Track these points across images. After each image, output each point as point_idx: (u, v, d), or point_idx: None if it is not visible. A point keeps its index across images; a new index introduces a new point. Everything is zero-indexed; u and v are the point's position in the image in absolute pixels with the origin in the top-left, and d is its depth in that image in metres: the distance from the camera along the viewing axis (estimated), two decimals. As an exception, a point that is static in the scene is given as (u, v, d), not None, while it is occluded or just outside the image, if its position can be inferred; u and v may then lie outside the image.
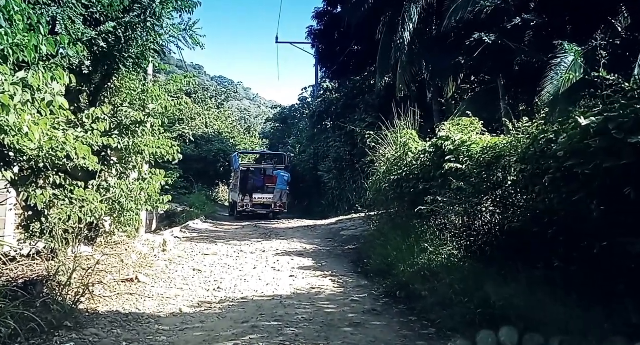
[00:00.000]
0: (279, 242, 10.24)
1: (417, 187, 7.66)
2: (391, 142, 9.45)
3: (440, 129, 7.26)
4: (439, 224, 7.17)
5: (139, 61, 6.01)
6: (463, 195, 5.92)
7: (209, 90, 44.29)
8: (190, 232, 12.31)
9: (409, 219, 7.64)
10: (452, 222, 6.80)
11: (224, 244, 10.08)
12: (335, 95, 18.85)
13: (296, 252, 8.85)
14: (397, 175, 8.07)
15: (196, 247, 9.54)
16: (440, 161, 6.98)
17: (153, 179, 6.90)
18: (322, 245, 9.68)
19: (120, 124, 6.29)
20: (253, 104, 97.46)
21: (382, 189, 8.28)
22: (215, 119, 34.21)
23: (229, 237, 11.57)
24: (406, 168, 8.03)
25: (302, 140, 21.51)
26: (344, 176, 16.56)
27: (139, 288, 5.75)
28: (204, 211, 18.19)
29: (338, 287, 6.09)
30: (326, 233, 11.70)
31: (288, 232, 12.15)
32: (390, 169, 8.44)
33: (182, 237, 11.15)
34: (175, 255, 8.35)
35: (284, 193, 18.72)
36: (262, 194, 18.73)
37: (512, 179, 5.37)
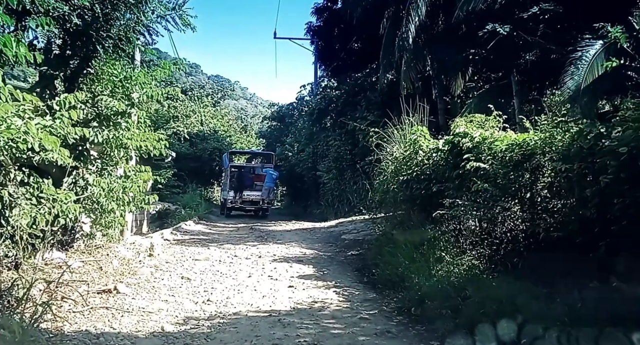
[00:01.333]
0: (276, 246, 9.54)
1: (429, 189, 6.99)
2: (398, 140, 8.78)
3: (456, 125, 6.59)
4: (453, 229, 6.51)
5: (122, 44, 5.31)
6: (487, 199, 5.26)
7: (205, 88, 43.55)
8: (181, 234, 11.59)
9: (421, 223, 6.97)
10: (469, 227, 6.15)
11: (217, 248, 9.37)
12: (335, 92, 18.17)
13: (295, 258, 8.15)
14: (407, 175, 7.40)
15: (187, 251, 8.83)
16: (456, 160, 6.32)
17: (138, 176, 6.17)
18: (322, 251, 8.99)
19: (100, 115, 5.58)
20: (250, 103, 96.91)
21: (390, 190, 7.60)
22: (211, 117, 33.47)
23: (222, 240, 10.85)
24: (416, 168, 7.36)
25: (301, 138, 20.83)
26: (344, 176, 15.89)
27: (117, 301, 5.03)
28: (197, 211, 17.46)
29: (343, 300, 5.40)
30: (326, 237, 11.01)
31: (286, 235, 11.44)
32: (398, 169, 7.76)
33: (173, 240, 10.43)
34: (163, 260, 7.64)
35: (271, 190, 19.90)
36: (250, 192, 19.68)
37: (547, 180, 4.72)
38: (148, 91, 5.78)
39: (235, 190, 19.79)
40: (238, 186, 19.84)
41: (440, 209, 7.02)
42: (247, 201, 19.60)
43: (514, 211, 4.94)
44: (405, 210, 7.50)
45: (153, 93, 5.85)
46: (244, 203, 19.60)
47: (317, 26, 22.71)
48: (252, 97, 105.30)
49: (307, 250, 8.93)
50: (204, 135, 30.40)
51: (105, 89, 5.68)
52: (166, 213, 17.50)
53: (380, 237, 8.04)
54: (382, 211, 8.27)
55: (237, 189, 19.77)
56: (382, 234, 8.24)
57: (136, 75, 5.72)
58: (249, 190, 19.81)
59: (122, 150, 5.82)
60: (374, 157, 15.04)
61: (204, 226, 14.17)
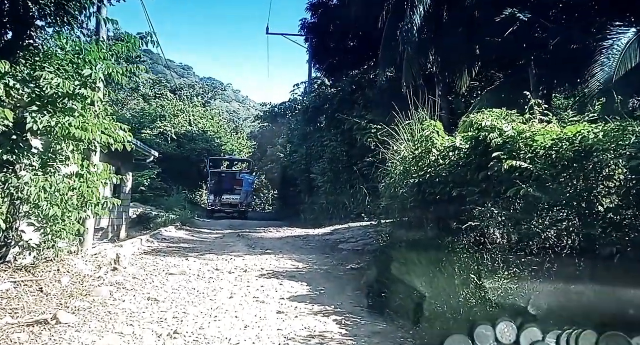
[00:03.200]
0: (265, 257, 8.40)
1: (445, 194, 5.92)
2: (406, 138, 7.70)
3: (477, 120, 5.53)
4: (478, 243, 5.45)
5: (69, 9, 4.14)
6: (529, 207, 4.20)
7: (195, 88, 42.27)
8: (159, 241, 10.39)
9: (436, 234, 5.90)
10: (500, 241, 5.09)
11: (197, 259, 8.20)
12: (331, 90, 17.11)
13: (286, 273, 7.02)
14: (418, 178, 6.31)
15: (161, 263, 7.65)
16: (481, 160, 5.27)
17: (95, 175, 5.01)
18: (317, 264, 7.86)
19: (42, 97, 4.41)
20: (242, 106, 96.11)
21: (398, 195, 6.51)
22: (201, 117, 32.26)
23: (205, 248, 9.67)
24: (430, 169, 6.28)
25: (293, 139, 19.72)
26: (340, 179, 14.79)
27: (53, 336, 3.86)
28: (181, 216, 16.22)
29: (347, 334, 4.28)
30: (321, 246, 9.90)
31: (276, 244, 10.30)
32: (408, 170, 6.68)
33: (148, 249, 9.24)
34: (130, 275, 6.46)
35: (249, 194, 22.72)
36: (230, 195, 21.78)
37: (613, 184, 3.66)
38: (105, 68, 4.62)
39: (215, 194, 21.91)
40: (217, 190, 21.89)
41: (461, 217, 5.99)
42: (226, 204, 21.64)
43: (568, 223, 3.88)
44: (416, 218, 6.40)
45: (111, 71, 4.69)
46: (224, 206, 21.68)
47: (312, 23, 21.71)
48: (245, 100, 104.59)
49: (299, 263, 7.79)
50: (193, 135, 29.20)
51: (51, 65, 4.52)
52: (147, 217, 16.26)
53: (385, 249, 6.93)
54: (389, 218, 7.16)
55: (217, 193, 21.84)
56: (387, 245, 7.15)
57: (90, 48, 4.57)
58: (228, 194, 21.79)
59: (72, 143, 4.66)
60: (373, 159, 14.04)
61: (187, 232, 12.96)
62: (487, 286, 4.25)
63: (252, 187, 23.15)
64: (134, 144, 13.70)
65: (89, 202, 4.94)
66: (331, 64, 21.07)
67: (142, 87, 30.96)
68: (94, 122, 4.83)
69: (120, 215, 14.42)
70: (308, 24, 22.12)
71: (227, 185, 22.46)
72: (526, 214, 4.22)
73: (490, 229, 5.14)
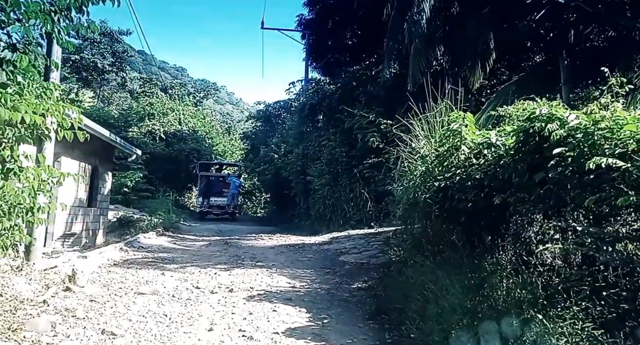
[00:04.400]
0: (256, 272, 7.18)
1: (479, 200, 4.80)
2: (423, 134, 6.55)
3: (538, 107, 4.39)
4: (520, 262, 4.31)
5: None
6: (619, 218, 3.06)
7: (187, 86, 40.92)
8: (134, 250, 9.12)
9: (469, 251, 4.75)
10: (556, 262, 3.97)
11: (174, 273, 6.96)
12: (329, 86, 15.95)
13: (280, 293, 5.81)
14: (444, 180, 5.17)
15: (131, 279, 6.41)
16: (533, 158, 4.14)
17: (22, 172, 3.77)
18: (317, 281, 6.66)
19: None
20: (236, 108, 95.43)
21: (419, 201, 5.33)
22: (191, 117, 30.96)
23: (186, 259, 8.43)
24: (458, 170, 5.14)
25: (289, 138, 18.52)
26: (338, 182, 13.61)
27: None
28: (166, 220, 14.92)
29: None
30: (320, 257, 8.70)
31: (268, 255, 9.08)
32: (430, 171, 5.52)
33: (120, 260, 7.98)
34: (87, 297, 5.21)
35: (235, 196, 23.31)
36: (218, 198, 22.87)
37: None
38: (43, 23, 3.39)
39: (204, 197, 22.98)
40: (206, 193, 22.93)
41: (503, 230, 4.84)
42: (214, 206, 22.70)
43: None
44: (441, 229, 5.24)
45: (49, 28, 3.44)
46: (212, 208, 22.71)
47: (310, 19, 20.65)
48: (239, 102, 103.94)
49: (296, 281, 6.58)
50: (182, 135, 27.91)
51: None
52: (129, 221, 14.97)
53: (399, 265, 5.76)
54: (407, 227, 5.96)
55: (205, 195, 22.87)
56: (401, 260, 5.97)
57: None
58: (216, 196, 22.90)
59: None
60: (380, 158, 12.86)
61: (169, 239, 11.68)
62: (559, 330, 3.10)
63: (238, 189, 23.60)
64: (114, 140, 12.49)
65: (13, 206, 3.69)
66: (329, 61, 19.96)
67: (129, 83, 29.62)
68: (28, 100, 3.60)
69: (97, 218, 13.11)
70: (305, 20, 21.03)
71: (215, 188, 23.46)
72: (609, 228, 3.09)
73: (543, 246, 4.02)
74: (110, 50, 29.60)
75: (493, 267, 4.28)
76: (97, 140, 12.00)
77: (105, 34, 29.03)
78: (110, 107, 28.51)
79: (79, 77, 28.73)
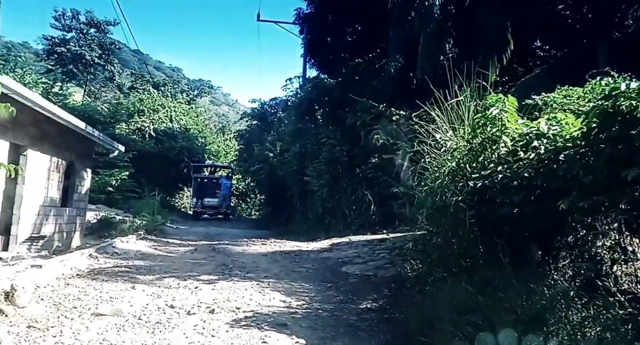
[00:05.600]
0: (244, 286, 6.08)
1: (529, 204, 3.75)
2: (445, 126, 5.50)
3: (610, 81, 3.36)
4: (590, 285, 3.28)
5: None
6: None
7: (181, 84, 39.73)
8: (107, 257, 7.99)
9: (517, 266, 3.69)
10: None
11: (148, 286, 5.84)
12: (329, 81, 14.91)
13: (273, 316, 4.70)
14: (480, 179, 4.11)
15: (92, 294, 5.29)
16: (615, 149, 3.10)
17: None
18: (318, 298, 5.56)
19: None
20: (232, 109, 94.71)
21: (448, 205, 4.26)
22: (184, 114, 29.81)
23: (165, 268, 7.31)
24: (500, 167, 4.08)
25: (285, 136, 17.44)
26: (339, 184, 12.55)
27: None
28: (150, 222, 13.77)
29: None
30: (320, 268, 7.61)
31: (261, 264, 7.97)
32: (461, 168, 4.46)
33: (86, 269, 6.84)
34: (25, 321, 4.10)
35: (227, 198, 24.90)
36: (210, 198, 24.03)
37: None
38: None
39: (197, 198, 24.17)
40: (199, 194, 24.06)
41: (560, 244, 3.80)
42: (207, 207, 24.01)
43: None
44: (476, 240, 4.18)
45: None
46: (205, 208, 24.01)
47: (308, 13, 19.63)
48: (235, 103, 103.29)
49: (292, 298, 5.48)
50: (173, 132, 26.74)
51: None
52: (110, 222, 13.80)
53: (421, 284, 4.69)
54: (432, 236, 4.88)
55: (199, 196, 24.02)
56: (421, 275, 4.91)
57: None
58: (209, 197, 23.94)
59: None
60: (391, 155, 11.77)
61: (150, 243, 10.53)
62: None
63: (229, 191, 25.05)
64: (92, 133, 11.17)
65: None
66: (329, 57, 18.93)
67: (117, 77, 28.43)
68: None
69: (73, 219, 11.92)
70: (303, 14, 19.99)
71: (208, 189, 24.32)
72: None
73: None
74: (98, 43, 28.39)
75: (553, 294, 3.23)
76: (73, 133, 10.87)
77: (92, 24, 27.81)
78: (97, 102, 27.27)
79: (64, 70, 27.49)
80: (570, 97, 5.24)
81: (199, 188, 24.40)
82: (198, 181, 24.84)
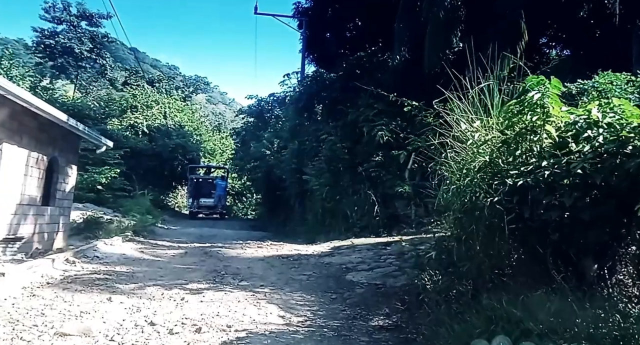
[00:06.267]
0: (237, 296, 5.36)
1: (584, 208, 3.06)
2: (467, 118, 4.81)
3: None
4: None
5: None
6: None
7: (176, 80, 38.88)
8: (86, 261, 7.25)
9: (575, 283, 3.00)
10: None
11: (127, 298, 5.12)
12: (330, 75, 14.19)
13: (271, 337, 3.99)
14: (519, 177, 3.42)
15: (60, 308, 4.56)
16: None
17: None
18: (321, 313, 4.85)
19: None
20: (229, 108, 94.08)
21: (480, 208, 3.56)
22: (178, 111, 29.01)
23: (150, 275, 6.58)
24: (544, 161, 3.39)
25: (283, 132, 16.71)
26: (339, 183, 11.84)
27: None
28: (139, 222, 13.01)
29: None
30: (322, 275, 6.90)
31: (256, 270, 7.25)
32: (494, 164, 3.76)
33: (60, 276, 6.11)
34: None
35: (221, 197, 24.92)
36: (206, 199, 24.37)
37: None
38: None
39: (194, 198, 24.43)
40: (195, 194, 24.31)
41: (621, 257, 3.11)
42: (203, 206, 24.29)
43: None
44: (517, 250, 3.48)
45: None
46: (201, 208, 24.31)
47: (307, 7, 18.93)
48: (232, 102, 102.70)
49: (292, 314, 4.76)
50: (167, 129, 25.94)
51: None
52: (97, 222, 13.02)
53: (445, 300, 3.99)
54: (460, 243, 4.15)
55: (195, 196, 24.31)
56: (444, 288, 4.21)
57: None
58: (204, 197, 24.28)
59: None
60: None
61: (137, 246, 9.79)
62: None
63: (224, 191, 25.33)
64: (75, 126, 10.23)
65: None
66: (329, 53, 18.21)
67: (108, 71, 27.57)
68: None
69: (55, 219, 11.11)
70: (302, 8, 19.30)
71: (204, 190, 24.61)
72: None
73: None
74: (90, 36, 27.53)
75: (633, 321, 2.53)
76: (56, 126, 10.09)
77: (84, 16, 26.95)
78: (88, 97, 26.42)
79: (53, 63, 26.58)
80: (615, 83, 4.56)
81: (195, 188, 24.67)
82: (194, 182, 25.14)
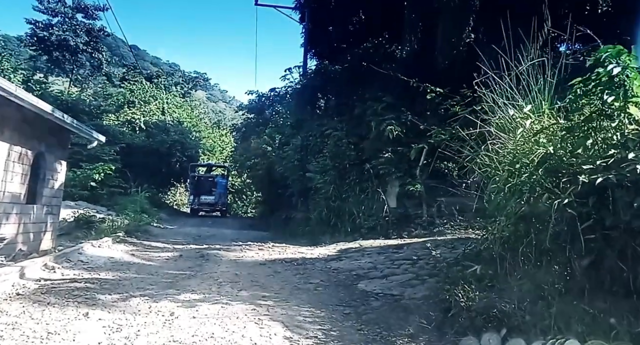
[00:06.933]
0: (236, 311, 4.63)
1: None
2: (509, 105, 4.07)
3: None
4: None
5: None
6: None
7: (175, 76, 38.08)
8: (68, 267, 6.52)
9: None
10: None
11: (107, 312, 4.39)
12: (335, 67, 13.45)
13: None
14: (596, 173, 2.70)
15: (23, 328, 3.83)
16: None
17: None
18: (335, 332, 4.11)
19: None
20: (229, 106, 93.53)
21: (544, 212, 2.82)
22: (177, 107, 28.26)
23: (137, 283, 5.84)
24: (631, 153, 2.66)
25: (285, 128, 15.98)
26: (345, 181, 11.13)
27: None
28: (132, 221, 12.28)
29: None
30: (331, 283, 6.16)
31: (258, 277, 6.51)
32: (559, 157, 3.03)
33: (36, 284, 5.37)
34: None
35: (222, 195, 25.41)
36: (207, 196, 24.83)
37: None
38: None
39: (195, 196, 24.92)
40: (196, 192, 24.78)
41: None
42: (204, 204, 24.73)
43: None
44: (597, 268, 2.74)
45: None
46: (202, 205, 24.78)
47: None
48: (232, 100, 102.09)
49: (300, 335, 4.03)
50: (165, 125, 25.21)
51: None
52: (89, 221, 12.32)
53: (479, 318, 3.26)
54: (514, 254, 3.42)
55: (196, 194, 24.79)
56: (483, 308, 3.47)
57: None
58: (205, 195, 24.71)
59: None
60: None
61: (128, 248, 9.05)
62: None
63: (225, 189, 25.73)
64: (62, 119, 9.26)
65: None
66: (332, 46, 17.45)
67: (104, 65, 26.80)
68: None
69: (42, 218, 10.37)
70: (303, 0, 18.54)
71: (205, 187, 24.99)
72: None
73: None
74: (85, 28, 26.70)
75: None
76: (42, 120, 9.35)
77: (79, 8, 26.13)
78: (84, 92, 25.65)
79: (48, 57, 25.80)
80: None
81: (196, 186, 25.05)
82: (195, 180, 25.51)
